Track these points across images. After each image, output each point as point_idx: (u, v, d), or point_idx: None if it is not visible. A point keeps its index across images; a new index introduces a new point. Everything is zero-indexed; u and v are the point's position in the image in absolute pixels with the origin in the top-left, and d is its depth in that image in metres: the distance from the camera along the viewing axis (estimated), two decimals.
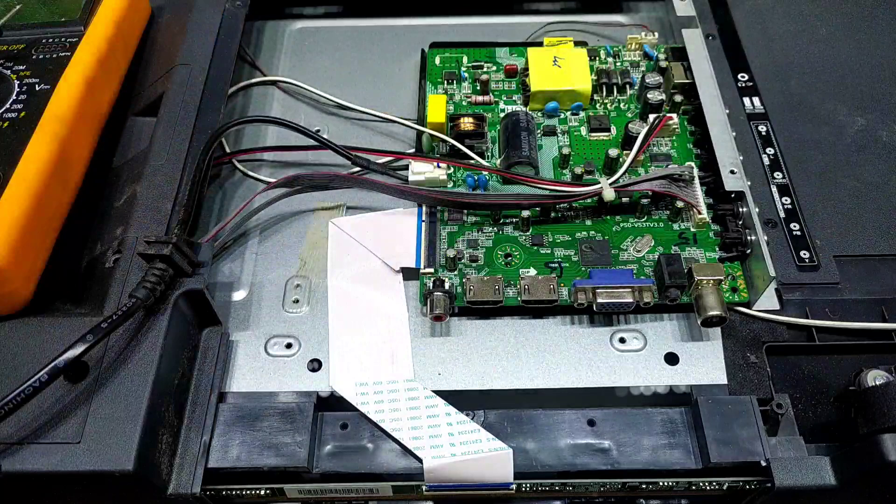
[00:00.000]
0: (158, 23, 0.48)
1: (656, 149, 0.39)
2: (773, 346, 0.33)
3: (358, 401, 0.31)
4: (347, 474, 0.30)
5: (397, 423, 0.30)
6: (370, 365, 0.32)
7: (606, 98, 0.42)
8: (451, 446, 0.30)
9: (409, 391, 0.32)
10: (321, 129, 0.43)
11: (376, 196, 0.38)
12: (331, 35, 0.49)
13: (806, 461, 0.29)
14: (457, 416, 0.31)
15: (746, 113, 0.42)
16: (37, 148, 0.34)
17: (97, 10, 0.42)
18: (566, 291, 0.34)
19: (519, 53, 0.44)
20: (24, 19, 0.42)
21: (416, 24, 0.50)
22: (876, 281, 0.35)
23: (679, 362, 0.33)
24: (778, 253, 0.35)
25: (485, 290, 0.33)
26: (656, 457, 0.30)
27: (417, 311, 0.35)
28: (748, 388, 0.32)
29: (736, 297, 0.34)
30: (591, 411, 0.31)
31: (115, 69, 0.43)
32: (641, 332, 0.34)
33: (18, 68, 0.39)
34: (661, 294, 0.33)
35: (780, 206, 0.38)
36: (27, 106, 0.37)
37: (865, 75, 0.44)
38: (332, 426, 0.31)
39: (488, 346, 0.34)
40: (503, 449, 0.30)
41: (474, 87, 0.43)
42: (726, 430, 0.30)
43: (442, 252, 0.35)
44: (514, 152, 0.37)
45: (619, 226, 0.37)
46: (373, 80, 0.46)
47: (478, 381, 0.33)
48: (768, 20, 0.47)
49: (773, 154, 0.40)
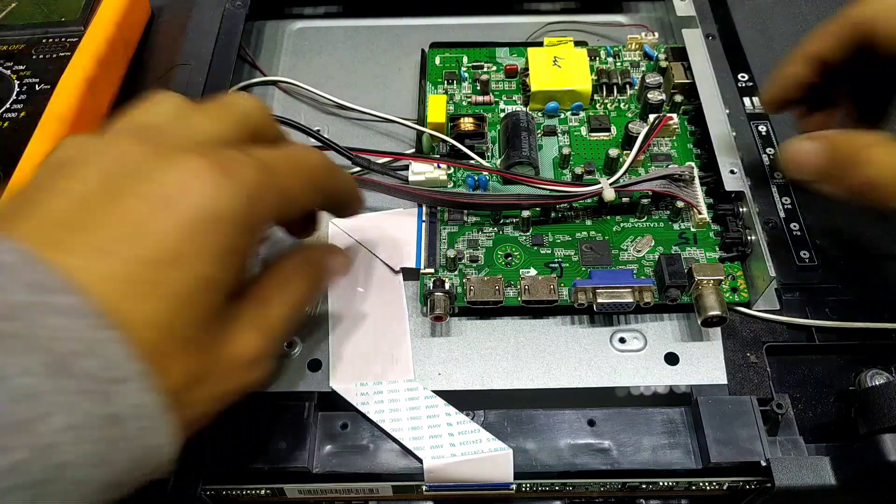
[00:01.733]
0: (158, 23, 0.48)
1: (656, 149, 0.39)
2: (773, 346, 0.33)
3: (358, 401, 0.31)
4: (347, 474, 0.30)
5: (397, 423, 0.30)
6: (370, 365, 0.33)
7: (606, 98, 0.42)
8: (451, 446, 0.30)
9: (410, 391, 0.32)
10: (321, 129, 0.43)
11: (376, 196, 0.38)
12: (331, 35, 0.49)
13: (806, 461, 0.29)
14: (457, 416, 0.31)
15: (746, 113, 0.42)
16: (37, 148, 0.34)
17: (97, 10, 0.42)
18: (566, 291, 0.34)
19: (519, 53, 0.44)
20: (23, 19, 0.43)
21: (416, 24, 0.50)
22: (876, 281, 0.35)
23: (679, 362, 0.33)
24: (778, 253, 0.35)
25: (485, 291, 0.33)
26: (656, 457, 0.30)
27: (417, 311, 0.35)
28: (748, 388, 0.32)
29: (736, 297, 0.34)
30: (591, 411, 0.31)
31: (115, 69, 0.43)
32: (641, 332, 0.34)
33: (18, 68, 0.39)
34: (661, 294, 0.33)
35: (780, 206, 0.38)
36: (27, 106, 0.37)
37: None
38: (332, 426, 0.31)
39: (488, 346, 0.34)
40: (503, 449, 0.30)
41: (474, 87, 0.43)
42: (726, 430, 0.30)
43: (442, 252, 0.35)
44: (514, 152, 0.37)
45: (620, 226, 0.37)
46: (373, 80, 0.46)
47: (478, 381, 0.33)
48: (768, 20, 0.47)
49: (773, 154, 0.40)
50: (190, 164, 0.21)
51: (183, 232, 0.20)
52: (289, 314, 0.26)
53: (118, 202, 0.20)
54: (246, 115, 0.26)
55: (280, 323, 0.26)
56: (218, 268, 0.21)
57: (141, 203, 0.20)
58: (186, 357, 0.21)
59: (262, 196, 0.23)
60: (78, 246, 0.20)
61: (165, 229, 0.20)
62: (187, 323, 0.21)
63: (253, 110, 0.26)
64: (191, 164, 0.21)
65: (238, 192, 0.22)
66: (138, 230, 0.20)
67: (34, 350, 0.17)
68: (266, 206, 0.23)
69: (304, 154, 0.27)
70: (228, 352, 0.23)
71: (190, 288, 0.21)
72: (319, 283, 0.29)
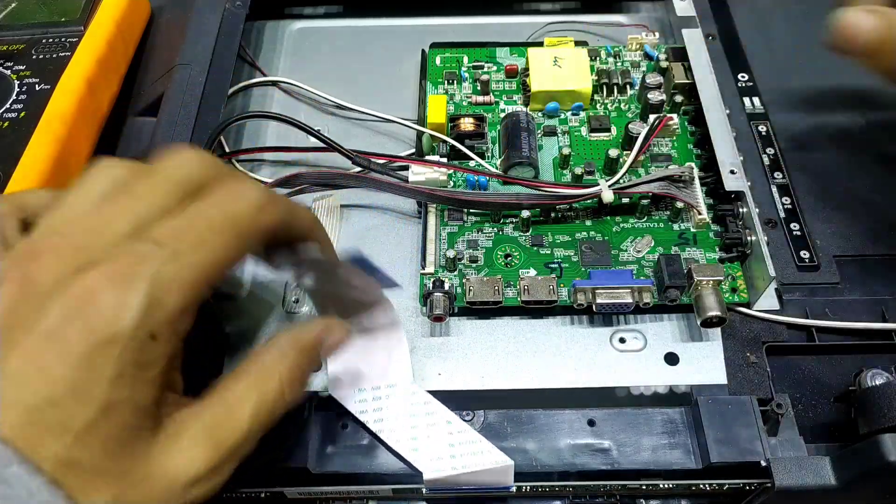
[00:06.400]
0: (158, 23, 0.48)
1: (657, 149, 0.39)
2: (773, 346, 0.33)
3: (356, 409, 0.31)
4: (347, 475, 0.30)
5: (396, 433, 0.30)
6: (368, 370, 0.32)
7: (607, 98, 0.42)
8: (451, 458, 0.29)
9: (408, 397, 0.31)
10: (321, 129, 0.43)
11: (377, 195, 0.39)
12: (331, 35, 0.49)
13: (806, 461, 0.29)
14: (457, 423, 0.30)
15: (746, 113, 0.42)
16: (37, 148, 0.34)
17: (97, 10, 0.42)
18: (566, 292, 0.34)
19: (519, 53, 0.44)
20: (23, 19, 0.43)
21: (416, 24, 0.50)
22: (876, 281, 0.35)
23: (679, 362, 0.33)
24: (778, 253, 0.35)
25: (485, 291, 0.33)
26: (656, 457, 0.30)
27: (417, 311, 0.35)
28: (748, 388, 0.32)
29: (736, 297, 0.34)
30: (591, 411, 0.31)
31: (115, 69, 0.43)
32: (641, 332, 0.34)
33: (18, 68, 0.39)
34: (661, 294, 0.33)
35: (780, 206, 0.38)
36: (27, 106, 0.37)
37: (865, 75, 0.44)
38: (332, 426, 0.31)
39: (488, 346, 0.34)
40: (504, 462, 0.29)
41: (474, 87, 0.43)
42: (726, 430, 0.30)
43: (442, 253, 0.35)
44: (514, 153, 0.37)
45: (619, 226, 0.37)
46: (373, 80, 0.46)
47: (478, 381, 0.33)
48: (768, 20, 0.47)
49: (773, 154, 0.40)
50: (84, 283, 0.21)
51: (74, 365, 0.20)
52: (262, 419, 0.24)
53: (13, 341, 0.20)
54: (183, 181, 0.24)
55: (247, 429, 0.23)
56: (120, 390, 0.20)
57: (31, 341, 0.20)
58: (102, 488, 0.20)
59: (166, 290, 0.21)
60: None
61: (58, 364, 0.20)
62: (95, 454, 0.20)
63: (190, 172, 0.24)
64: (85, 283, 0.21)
65: (134, 302, 0.21)
66: (30, 371, 0.20)
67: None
68: (172, 300, 0.21)
69: (227, 204, 0.24)
70: (157, 473, 0.21)
71: (90, 420, 0.20)
72: (308, 367, 0.26)
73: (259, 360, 0.25)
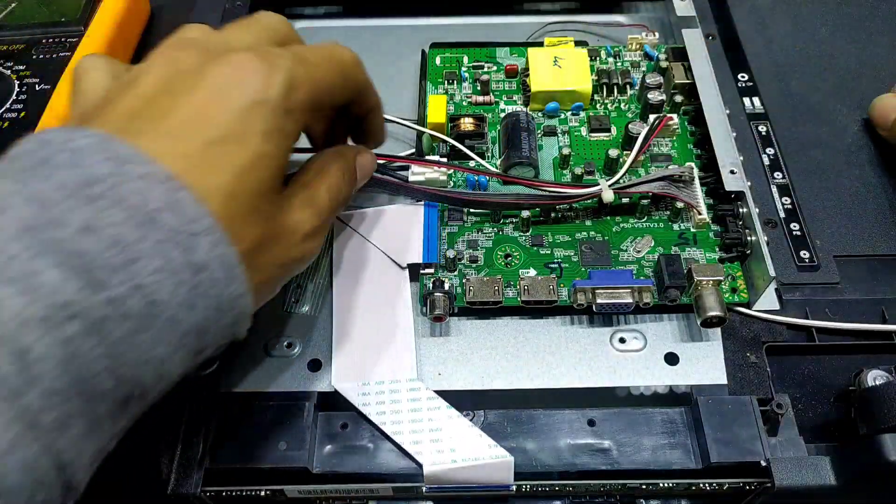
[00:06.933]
0: (158, 23, 0.48)
1: (657, 149, 0.39)
2: (773, 346, 0.33)
3: (360, 401, 0.31)
4: (347, 474, 0.30)
5: (398, 425, 0.30)
6: (373, 362, 0.32)
7: (607, 98, 0.42)
8: (451, 451, 0.30)
9: (411, 391, 0.31)
10: None
11: (376, 195, 0.38)
12: (331, 35, 0.49)
13: (806, 461, 0.29)
14: (459, 419, 0.30)
15: (746, 113, 0.42)
16: None
17: (97, 10, 0.42)
18: (566, 292, 0.34)
19: (519, 53, 0.44)
20: (23, 19, 0.43)
21: (416, 24, 0.50)
22: (876, 281, 0.35)
23: (679, 362, 0.33)
24: (778, 253, 0.35)
25: (485, 291, 0.33)
26: (656, 457, 0.30)
27: (417, 311, 0.35)
28: (748, 388, 0.32)
29: (736, 297, 0.34)
30: (591, 411, 0.31)
31: None
32: (641, 332, 0.34)
33: (18, 68, 0.39)
34: (661, 294, 0.33)
35: (780, 206, 0.38)
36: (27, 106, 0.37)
37: (865, 75, 0.44)
38: (332, 426, 0.31)
39: (488, 346, 0.34)
40: (504, 457, 0.30)
41: (474, 87, 0.43)
42: (726, 430, 0.30)
43: (442, 252, 0.35)
44: (514, 153, 0.37)
45: (619, 226, 0.37)
46: (373, 80, 0.46)
47: (478, 381, 0.33)
48: (768, 20, 0.47)
49: (773, 154, 0.40)
50: (236, 58, 0.24)
51: (235, 115, 0.23)
52: (332, 198, 0.28)
53: (178, 97, 0.23)
54: (273, 28, 0.29)
55: (326, 204, 0.28)
56: (269, 144, 0.24)
57: (197, 95, 0.24)
58: (252, 223, 0.24)
59: (300, 83, 0.25)
60: (147, 132, 0.22)
61: (221, 114, 0.23)
62: (250, 192, 0.23)
63: (279, 24, 0.29)
64: (237, 58, 0.24)
65: (279, 79, 0.24)
66: (198, 117, 0.23)
67: (120, 207, 0.20)
68: (303, 92, 0.25)
69: (334, 48, 0.29)
70: (288, 223, 0.26)
71: (248, 162, 0.23)
72: (353, 173, 0.31)
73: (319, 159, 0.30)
